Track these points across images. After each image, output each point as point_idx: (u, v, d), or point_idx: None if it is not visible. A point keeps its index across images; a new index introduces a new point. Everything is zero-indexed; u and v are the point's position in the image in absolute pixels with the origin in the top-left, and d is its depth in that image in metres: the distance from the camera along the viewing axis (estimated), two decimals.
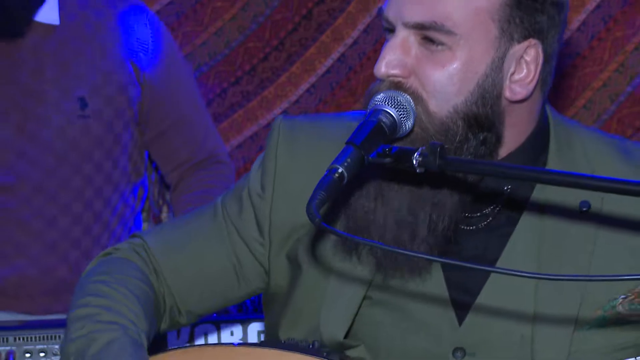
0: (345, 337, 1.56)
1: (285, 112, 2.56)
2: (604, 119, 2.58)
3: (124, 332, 1.50)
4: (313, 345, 1.53)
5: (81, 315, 1.53)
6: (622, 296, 1.53)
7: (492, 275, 1.54)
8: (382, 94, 1.44)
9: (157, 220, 2.70)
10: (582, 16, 2.54)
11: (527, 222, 1.55)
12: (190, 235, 1.68)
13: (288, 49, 2.75)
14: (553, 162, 1.59)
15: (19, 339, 1.84)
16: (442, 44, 1.46)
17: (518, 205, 1.56)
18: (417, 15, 1.45)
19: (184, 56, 2.56)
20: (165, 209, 2.74)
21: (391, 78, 1.46)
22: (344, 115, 1.74)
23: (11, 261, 2.25)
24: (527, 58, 1.49)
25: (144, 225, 2.64)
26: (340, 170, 1.31)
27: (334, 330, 1.55)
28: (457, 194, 1.51)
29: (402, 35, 1.47)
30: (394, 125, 1.42)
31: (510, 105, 1.50)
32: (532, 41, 1.48)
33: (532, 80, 1.49)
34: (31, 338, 1.83)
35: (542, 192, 1.54)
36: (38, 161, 2.25)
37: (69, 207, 2.24)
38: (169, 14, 2.56)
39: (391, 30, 1.51)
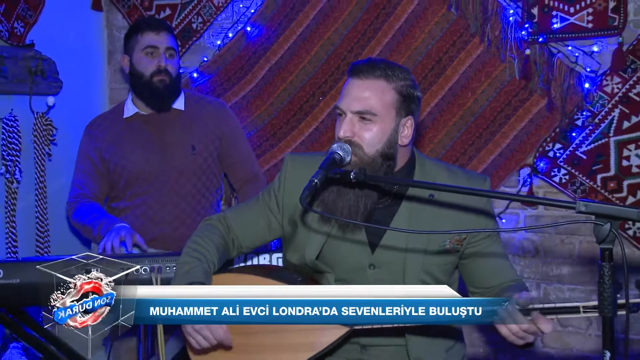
0: (317, 258, 1.89)
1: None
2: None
3: (199, 263, 1.85)
4: (296, 279, 1.80)
5: (183, 255, 1.90)
6: (449, 240, 1.85)
7: (388, 231, 1.84)
8: (336, 145, 1.76)
9: (229, 205, 3.34)
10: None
11: (405, 204, 1.86)
12: (246, 210, 2.05)
13: (294, 136, 3.43)
14: (417, 174, 1.88)
15: (162, 260, 2.14)
16: (370, 120, 1.77)
17: (400, 196, 1.85)
18: (357, 107, 1.79)
19: (242, 126, 3.07)
20: (233, 201, 3.41)
21: (346, 138, 1.78)
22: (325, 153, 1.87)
23: (157, 225, 2.79)
24: (407, 125, 1.82)
25: (222, 208, 3.14)
26: (315, 181, 1.60)
27: (310, 253, 1.88)
28: (373, 191, 1.83)
29: (349, 116, 1.78)
30: (342, 159, 1.73)
31: (400, 147, 1.83)
32: (409, 117, 1.82)
33: (409, 135, 1.83)
34: (167, 260, 2.13)
35: (411, 190, 1.85)
36: (170, 175, 2.78)
37: (185, 198, 2.79)
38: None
39: (342, 114, 1.81)
